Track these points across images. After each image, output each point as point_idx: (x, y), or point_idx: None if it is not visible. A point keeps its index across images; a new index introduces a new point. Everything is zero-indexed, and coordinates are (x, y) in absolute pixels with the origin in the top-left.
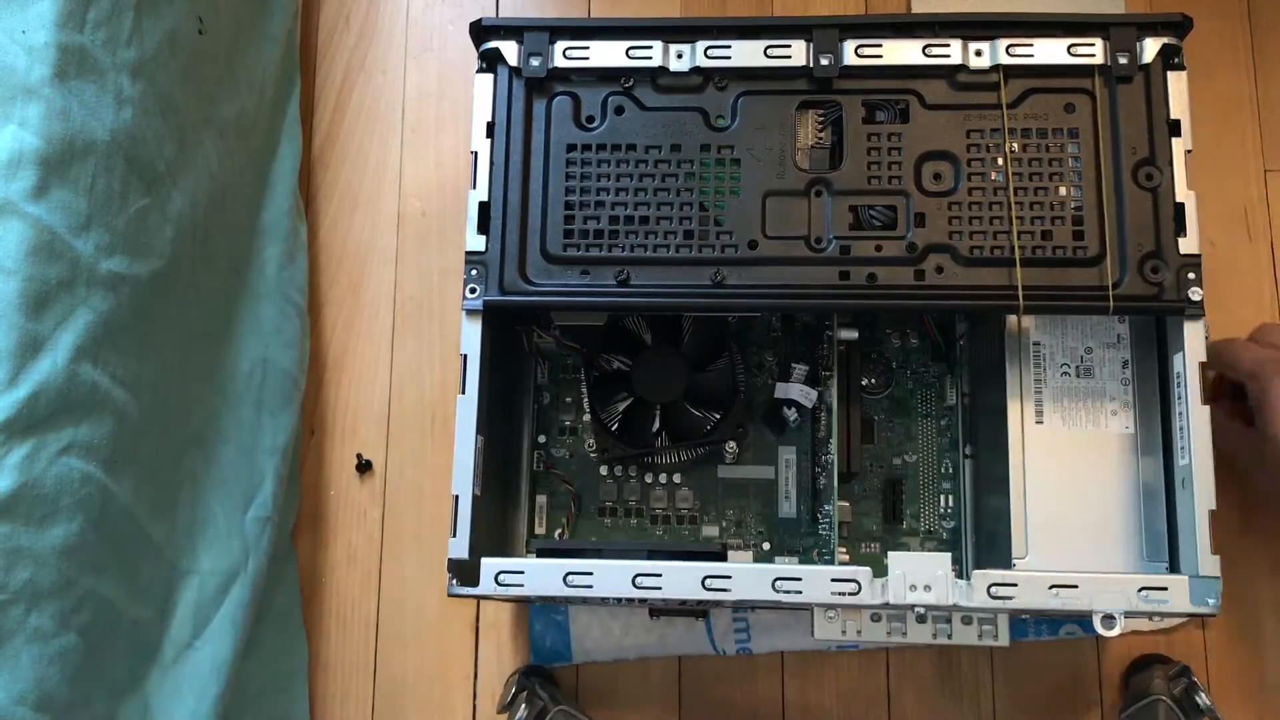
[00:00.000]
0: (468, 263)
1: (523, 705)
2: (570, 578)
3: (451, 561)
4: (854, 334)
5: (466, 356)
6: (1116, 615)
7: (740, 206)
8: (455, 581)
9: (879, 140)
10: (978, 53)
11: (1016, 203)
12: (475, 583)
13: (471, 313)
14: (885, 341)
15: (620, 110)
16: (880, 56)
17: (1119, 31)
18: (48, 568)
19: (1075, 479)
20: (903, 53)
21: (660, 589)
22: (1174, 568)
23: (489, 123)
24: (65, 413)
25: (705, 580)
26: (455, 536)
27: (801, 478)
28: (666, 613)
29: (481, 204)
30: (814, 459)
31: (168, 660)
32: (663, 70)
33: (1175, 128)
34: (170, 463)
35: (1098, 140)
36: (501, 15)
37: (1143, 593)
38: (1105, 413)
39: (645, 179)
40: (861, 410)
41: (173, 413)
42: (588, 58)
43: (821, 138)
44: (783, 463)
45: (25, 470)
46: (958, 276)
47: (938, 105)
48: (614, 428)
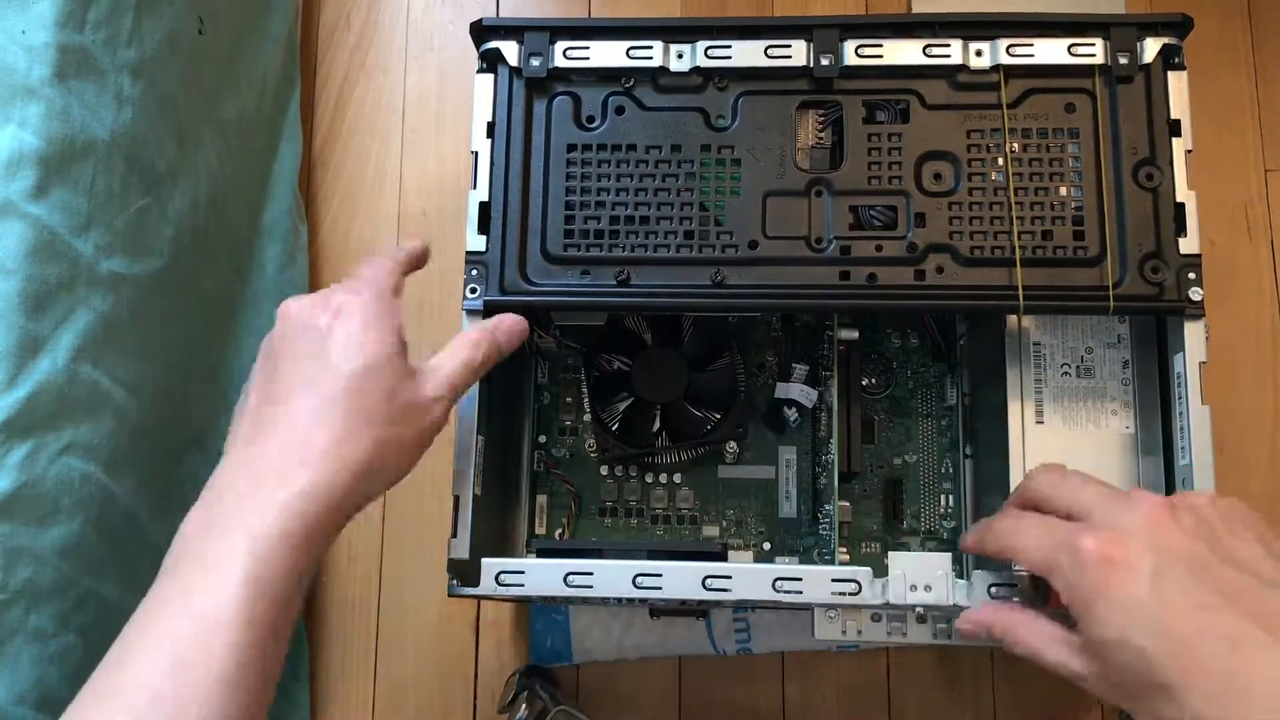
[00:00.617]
0: (468, 263)
1: (523, 705)
2: (570, 578)
3: (451, 562)
4: (854, 334)
5: None
6: None
7: (740, 206)
8: (455, 582)
9: (879, 140)
10: (978, 53)
11: (1017, 203)
12: (475, 583)
13: (472, 313)
14: (885, 341)
15: (620, 110)
16: (880, 56)
17: (1119, 31)
18: (48, 568)
19: None
20: (903, 53)
21: (660, 589)
22: None
23: (489, 123)
24: (65, 413)
25: (705, 580)
26: (455, 537)
27: (802, 478)
28: (667, 613)
29: (482, 204)
30: (814, 459)
31: None
32: (663, 70)
33: (1175, 128)
34: (170, 463)
35: (1098, 140)
36: (502, 15)
37: None
38: (1105, 413)
39: (645, 179)
40: (862, 410)
41: (173, 413)
42: (588, 58)
43: (822, 138)
44: (783, 463)
45: (25, 470)
46: (958, 276)
47: (938, 105)
48: (614, 428)
